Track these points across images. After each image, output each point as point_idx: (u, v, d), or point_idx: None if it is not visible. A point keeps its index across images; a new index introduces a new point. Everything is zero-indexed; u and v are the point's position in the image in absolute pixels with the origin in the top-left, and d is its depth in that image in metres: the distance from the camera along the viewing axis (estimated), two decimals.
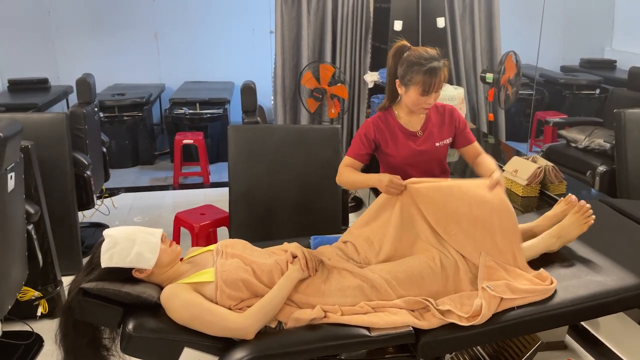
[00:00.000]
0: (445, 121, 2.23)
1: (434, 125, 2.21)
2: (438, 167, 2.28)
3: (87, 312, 1.66)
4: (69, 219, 3.15)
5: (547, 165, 2.78)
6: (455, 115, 2.25)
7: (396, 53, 2.11)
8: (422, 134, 2.19)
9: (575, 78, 5.31)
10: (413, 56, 2.05)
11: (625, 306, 1.76)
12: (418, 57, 2.04)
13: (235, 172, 2.81)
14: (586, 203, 1.96)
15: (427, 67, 2.01)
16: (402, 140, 2.19)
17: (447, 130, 2.23)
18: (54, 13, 5.99)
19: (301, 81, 4.14)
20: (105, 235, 1.73)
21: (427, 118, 2.21)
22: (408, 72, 2.06)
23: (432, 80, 2.02)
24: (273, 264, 1.79)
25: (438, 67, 2.02)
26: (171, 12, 6.18)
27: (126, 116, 5.35)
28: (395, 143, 2.19)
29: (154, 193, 4.80)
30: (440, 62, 2.03)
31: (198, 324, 1.62)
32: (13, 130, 2.22)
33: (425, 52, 2.05)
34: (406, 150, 2.18)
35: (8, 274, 2.27)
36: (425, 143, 2.19)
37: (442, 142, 2.22)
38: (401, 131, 2.19)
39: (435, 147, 2.20)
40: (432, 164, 2.25)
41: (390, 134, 2.19)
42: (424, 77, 2.02)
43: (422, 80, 2.02)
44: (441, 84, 2.06)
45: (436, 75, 2.01)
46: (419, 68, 2.02)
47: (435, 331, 1.67)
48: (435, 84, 2.03)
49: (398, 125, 2.20)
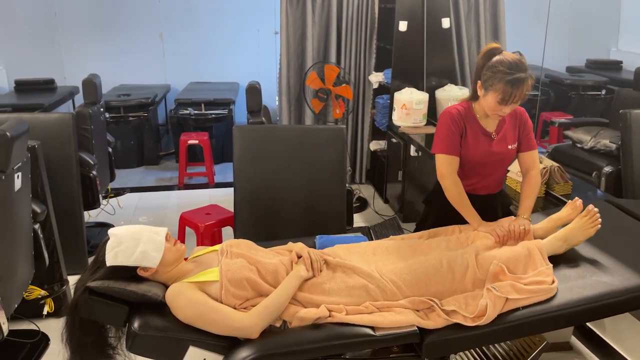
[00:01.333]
0: (516, 124, 2.20)
1: (508, 128, 2.18)
2: (502, 171, 2.26)
3: (93, 310, 1.67)
4: (75, 219, 3.16)
5: (552, 166, 2.77)
6: (524, 117, 2.22)
7: (486, 54, 2.07)
8: (496, 136, 2.16)
9: (581, 79, 5.29)
10: (501, 63, 2.00)
11: (631, 307, 1.76)
12: (506, 64, 1.99)
13: (240, 172, 2.82)
14: (594, 207, 1.95)
15: (512, 78, 1.96)
16: (481, 138, 2.14)
17: (518, 133, 2.20)
18: (60, 14, 6.02)
19: (306, 82, 4.14)
20: (110, 234, 1.74)
21: (502, 120, 2.17)
22: (492, 77, 2.01)
23: (514, 91, 1.97)
24: (278, 264, 1.79)
25: (523, 78, 1.97)
26: (177, 13, 6.20)
27: (132, 116, 5.37)
28: (475, 139, 2.14)
29: (159, 193, 4.81)
30: (526, 74, 1.97)
31: (203, 323, 1.62)
32: (20, 130, 2.23)
33: (515, 61, 2.00)
34: (482, 148, 2.14)
35: (14, 273, 2.28)
36: (499, 145, 2.15)
37: (513, 145, 2.19)
38: (479, 129, 2.15)
39: (507, 150, 2.17)
40: (499, 167, 2.22)
41: (471, 129, 2.14)
42: (505, 86, 1.97)
43: (503, 89, 1.98)
44: (523, 96, 2.00)
45: (519, 87, 1.97)
46: (503, 76, 1.98)
47: (440, 331, 1.66)
48: (516, 95, 1.98)
49: (477, 122, 2.15)
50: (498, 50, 2.06)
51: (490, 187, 2.20)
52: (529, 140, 2.22)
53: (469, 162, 2.16)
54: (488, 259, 1.82)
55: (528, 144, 2.22)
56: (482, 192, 2.22)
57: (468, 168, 2.16)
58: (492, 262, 1.80)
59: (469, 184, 2.17)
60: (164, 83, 6.34)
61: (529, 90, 2.00)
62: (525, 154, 2.23)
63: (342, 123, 4.26)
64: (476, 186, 2.17)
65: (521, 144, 2.22)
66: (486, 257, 1.83)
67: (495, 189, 2.24)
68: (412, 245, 1.94)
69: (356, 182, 4.84)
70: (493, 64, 2.02)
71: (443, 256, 1.82)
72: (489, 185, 2.21)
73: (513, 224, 2.01)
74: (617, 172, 3.31)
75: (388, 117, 4.21)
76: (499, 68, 1.99)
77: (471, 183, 2.17)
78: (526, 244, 1.89)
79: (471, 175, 2.18)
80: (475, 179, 2.19)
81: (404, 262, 1.83)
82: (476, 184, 2.18)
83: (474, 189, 2.20)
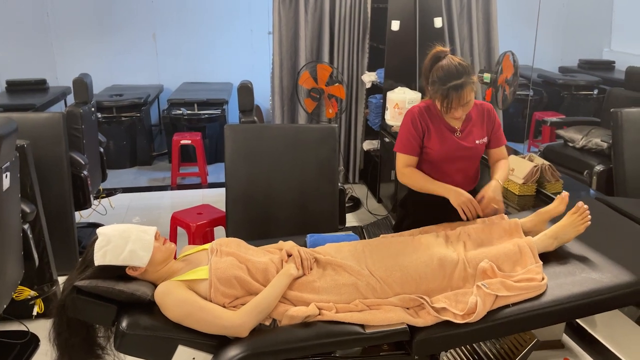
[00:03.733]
0: (484, 119, 2.22)
1: (474, 123, 2.20)
2: (473, 167, 2.28)
3: (81, 310, 1.66)
4: (66, 219, 3.14)
5: (543, 164, 2.78)
6: (492, 114, 2.24)
7: (432, 59, 2.09)
8: (461, 133, 2.17)
9: (573, 79, 5.31)
10: (441, 70, 2.02)
11: (620, 303, 1.76)
12: (444, 72, 2.01)
13: (232, 171, 2.81)
14: (584, 204, 1.95)
15: (448, 86, 1.99)
16: (446, 134, 2.16)
17: (486, 129, 2.23)
18: (53, 14, 6.00)
19: (299, 81, 4.14)
20: (99, 233, 1.73)
21: (468, 116, 2.18)
22: (432, 86, 2.05)
23: (452, 99, 2.00)
24: (268, 262, 1.78)
25: (460, 85, 1.99)
26: (170, 13, 6.19)
27: (124, 117, 5.35)
28: (439, 136, 2.16)
29: (152, 193, 4.80)
30: (463, 80, 1.99)
31: (192, 322, 1.62)
32: (8, 129, 2.21)
33: (454, 67, 2.01)
34: (448, 144, 2.16)
35: (3, 273, 2.26)
36: (465, 140, 2.17)
37: (481, 140, 2.21)
38: (444, 125, 2.17)
39: (475, 145, 2.19)
40: (469, 163, 2.24)
41: (435, 126, 2.16)
42: (442, 96, 2.01)
43: (441, 98, 2.02)
44: (466, 99, 2.02)
45: (456, 94, 1.99)
46: (439, 87, 2.02)
47: (430, 329, 1.66)
48: (455, 100, 2.01)
49: (441, 119, 2.17)
50: (443, 54, 2.08)
51: (464, 184, 2.21)
52: (498, 137, 2.26)
53: (437, 158, 2.18)
54: (478, 256, 1.82)
55: (497, 141, 2.26)
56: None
57: (438, 164, 2.19)
58: (482, 259, 1.80)
59: (442, 180, 2.18)
60: (157, 83, 6.32)
61: (470, 93, 2.03)
62: (495, 150, 2.27)
63: (335, 122, 4.25)
64: (449, 182, 2.18)
65: (491, 140, 2.25)
66: (477, 254, 1.83)
67: (469, 186, 2.25)
68: (402, 242, 1.94)
69: (349, 182, 4.84)
70: (433, 72, 2.06)
71: (433, 253, 1.82)
72: (461, 182, 2.21)
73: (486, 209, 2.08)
74: (609, 171, 3.32)
75: (381, 116, 4.21)
76: (434, 78, 2.04)
77: (443, 179, 2.18)
78: (517, 241, 1.89)
79: (442, 172, 2.20)
80: (447, 175, 2.20)
81: (394, 260, 1.82)
82: (448, 181, 2.18)
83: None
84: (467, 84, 2.00)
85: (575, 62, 5.79)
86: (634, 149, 3.16)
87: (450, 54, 2.07)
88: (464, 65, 2.03)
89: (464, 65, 2.03)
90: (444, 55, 2.07)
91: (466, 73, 2.01)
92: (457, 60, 2.04)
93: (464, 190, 2.09)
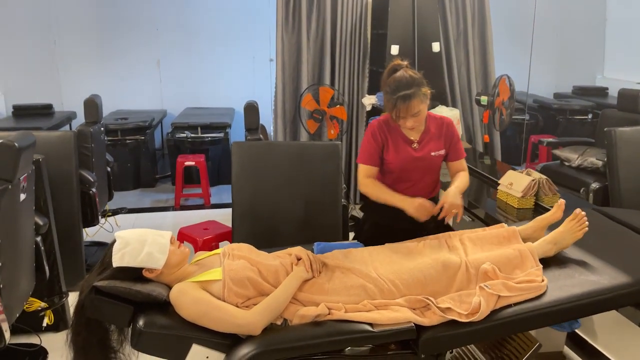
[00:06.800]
0: (442, 133, 2.32)
1: (432, 137, 2.30)
2: (431, 178, 2.36)
3: (99, 310, 1.71)
4: (74, 235, 3.20)
5: (541, 178, 2.87)
6: (450, 128, 2.34)
7: (389, 71, 2.20)
8: (418, 145, 2.28)
9: (568, 103, 5.45)
10: (393, 81, 2.13)
11: (619, 304, 1.82)
12: (395, 83, 2.12)
13: (238, 187, 2.88)
14: (581, 211, 2.03)
15: (396, 96, 2.09)
16: (402, 145, 2.27)
17: (443, 142, 2.32)
18: (60, 42, 6.15)
19: (301, 103, 4.26)
20: (117, 236, 1.80)
21: (426, 129, 2.30)
22: (385, 95, 2.16)
23: (401, 108, 2.10)
24: (278, 265, 1.85)
25: (408, 95, 2.08)
26: (173, 40, 6.34)
27: (129, 139, 5.45)
28: (395, 147, 2.27)
29: (156, 214, 4.86)
30: (413, 90, 2.08)
31: (206, 321, 1.67)
32: (27, 142, 2.30)
33: (405, 78, 2.11)
34: (404, 155, 2.26)
35: (17, 283, 2.31)
36: (421, 151, 2.28)
37: (437, 152, 2.30)
38: (401, 137, 2.28)
39: (430, 156, 2.28)
40: (426, 173, 2.33)
41: (392, 138, 2.28)
42: (392, 106, 2.11)
43: (391, 108, 2.13)
44: (415, 110, 2.11)
45: (405, 102, 2.08)
46: (389, 97, 2.13)
47: (436, 328, 1.72)
48: (403, 110, 2.10)
49: (399, 131, 2.28)
50: (400, 66, 2.18)
51: (422, 194, 2.29)
52: (456, 150, 2.34)
53: (395, 169, 2.28)
54: (480, 259, 1.89)
55: (456, 154, 2.35)
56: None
57: (396, 174, 2.28)
58: (484, 262, 1.87)
59: (400, 189, 2.27)
60: (161, 108, 6.44)
61: (420, 104, 2.11)
62: (455, 162, 2.35)
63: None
64: (407, 192, 2.26)
65: (449, 154, 2.34)
66: (478, 257, 1.90)
67: (427, 196, 2.30)
68: (407, 247, 2.01)
69: (351, 201, 4.92)
70: (388, 82, 2.16)
71: (438, 257, 1.89)
72: (420, 192, 2.30)
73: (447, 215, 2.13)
74: (604, 188, 3.41)
75: None
76: (387, 89, 2.14)
77: (401, 189, 2.27)
78: (517, 246, 1.97)
79: (400, 181, 2.29)
80: (405, 184, 2.30)
81: (401, 263, 1.89)
82: (406, 190, 2.27)
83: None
84: (416, 94, 2.09)
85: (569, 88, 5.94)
86: (628, 166, 3.26)
87: (407, 67, 2.17)
88: (414, 77, 2.12)
89: (415, 77, 2.12)
90: (400, 67, 2.17)
91: (416, 85, 2.10)
92: (410, 72, 2.14)
93: (419, 199, 2.15)
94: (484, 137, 4.77)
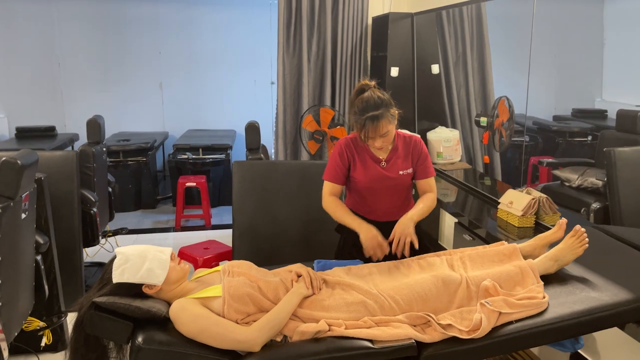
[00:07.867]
0: (410, 151, 2.33)
1: (399, 155, 2.31)
2: (401, 196, 2.35)
3: (99, 326, 1.70)
4: (74, 254, 3.20)
5: (541, 197, 2.87)
6: (418, 146, 2.33)
7: (357, 91, 2.22)
8: (386, 164, 2.29)
9: (567, 126, 5.48)
10: (361, 102, 2.14)
11: (621, 320, 1.81)
12: (362, 104, 2.12)
13: (239, 205, 2.90)
14: (581, 227, 2.03)
15: (366, 117, 2.10)
16: (370, 163, 2.28)
17: (410, 160, 2.32)
18: (64, 65, 6.23)
19: (302, 124, 4.29)
20: (118, 252, 1.80)
21: (394, 147, 2.31)
22: (354, 116, 2.17)
23: (369, 129, 2.10)
24: (278, 282, 1.85)
25: (375, 116, 2.08)
26: (176, 64, 6.43)
27: (130, 161, 5.48)
28: (363, 166, 2.28)
29: (157, 235, 4.86)
30: (381, 111, 2.09)
31: (206, 337, 1.66)
32: (30, 160, 2.32)
33: (372, 99, 2.11)
34: (372, 173, 2.26)
35: (16, 301, 2.31)
36: (389, 170, 2.28)
37: (405, 171, 2.30)
38: (369, 155, 2.29)
39: (398, 175, 2.29)
40: (395, 192, 2.33)
41: (360, 156, 2.29)
42: (361, 125, 2.12)
43: (360, 127, 2.13)
44: (383, 130, 2.11)
45: (373, 123, 2.09)
46: (357, 118, 2.14)
47: (436, 345, 1.70)
48: (372, 130, 2.11)
49: (367, 150, 2.29)
50: (367, 87, 2.19)
51: (391, 213, 2.29)
52: (424, 168, 2.33)
53: (362, 187, 2.29)
54: (480, 275, 1.88)
55: (424, 172, 2.33)
56: (383, 219, 2.33)
57: (364, 193, 2.29)
58: (484, 278, 1.86)
59: (367, 208, 2.28)
60: (162, 130, 6.49)
61: (388, 125, 2.11)
62: (422, 181, 2.34)
63: None
64: (376, 212, 2.26)
65: (417, 172, 2.33)
66: (479, 274, 1.90)
67: (395, 216, 2.26)
68: (407, 264, 2.01)
69: None
70: (355, 103, 2.16)
71: (438, 273, 1.89)
72: (389, 211, 2.30)
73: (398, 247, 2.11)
74: (605, 208, 3.40)
75: None
76: (355, 109, 2.15)
77: (369, 207, 2.29)
78: (518, 263, 1.96)
79: (367, 200, 2.30)
80: (372, 203, 2.31)
81: (402, 280, 1.89)
82: (374, 209, 2.28)
83: (375, 215, 2.32)
84: (383, 115, 2.10)
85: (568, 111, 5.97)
86: (628, 185, 3.26)
87: (374, 88, 2.18)
88: (382, 99, 2.13)
89: (383, 98, 2.13)
90: (368, 88, 2.18)
91: (384, 105, 2.11)
92: (378, 93, 2.15)
93: (375, 230, 2.12)
94: (484, 158, 4.79)
